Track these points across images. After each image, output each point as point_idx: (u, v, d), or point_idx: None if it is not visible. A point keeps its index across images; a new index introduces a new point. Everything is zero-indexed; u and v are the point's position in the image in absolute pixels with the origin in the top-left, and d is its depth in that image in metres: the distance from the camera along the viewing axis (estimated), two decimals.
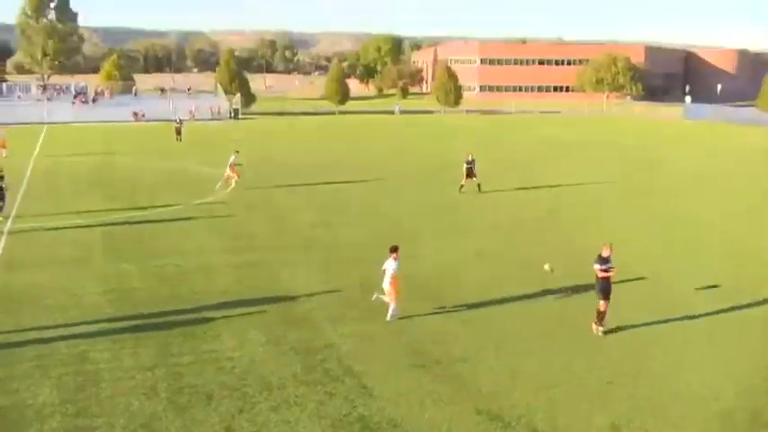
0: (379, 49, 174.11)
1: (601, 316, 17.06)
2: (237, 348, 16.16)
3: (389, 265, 17.76)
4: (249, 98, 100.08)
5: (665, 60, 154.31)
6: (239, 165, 36.52)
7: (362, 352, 16.08)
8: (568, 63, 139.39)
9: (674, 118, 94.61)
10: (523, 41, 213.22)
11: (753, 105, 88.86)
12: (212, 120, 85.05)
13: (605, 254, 17.00)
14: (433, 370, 15.19)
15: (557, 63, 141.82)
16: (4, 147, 48.67)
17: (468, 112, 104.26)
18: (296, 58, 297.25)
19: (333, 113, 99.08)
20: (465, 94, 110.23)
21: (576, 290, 20.09)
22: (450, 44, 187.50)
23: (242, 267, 22.39)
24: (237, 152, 37.26)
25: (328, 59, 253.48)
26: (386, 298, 17.94)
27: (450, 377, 14.85)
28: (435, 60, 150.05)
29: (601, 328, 17.07)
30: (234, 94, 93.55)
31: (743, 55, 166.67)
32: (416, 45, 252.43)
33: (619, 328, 17.41)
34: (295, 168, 44.01)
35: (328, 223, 28.97)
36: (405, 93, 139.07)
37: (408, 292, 18.82)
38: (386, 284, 17.82)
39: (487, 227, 28.54)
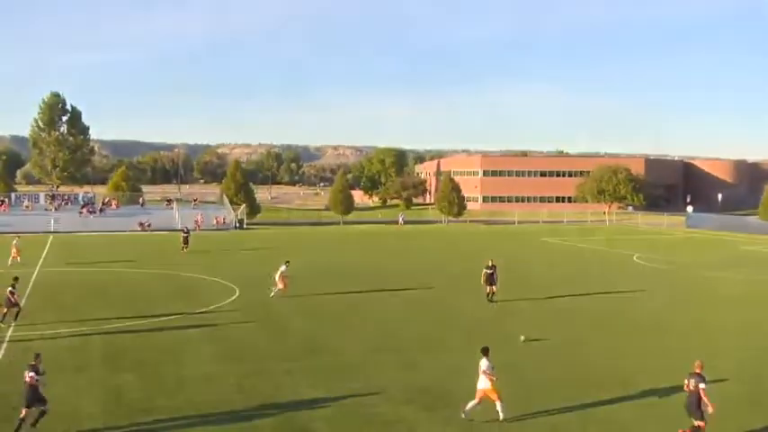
0: (383, 162, 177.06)
1: None
2: None
3: (483, 365, 17.87)
4: (254, 208, 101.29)
5: (665, 171, 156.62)
6: (286, 276, 36.17)
7: None
8: (569, 175, 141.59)
9: (676, 227, 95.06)
10: (524, 154, 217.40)
11: (754, 214, 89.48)
12: (218, 229, 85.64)
13: (699, 370, 16.87)
14: None
15: (558, 174, 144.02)
16: (18, 254, 49.61)
17: (470, 221, 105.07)
18: (301, 170, 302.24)
19: (337, 224, 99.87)
20: (468, 204, 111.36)
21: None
22: (453, 157, 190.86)
23: (243, 376, 22.00)
24: (288, 262, 36.92)
25: (333, 171, 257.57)
26: None
27: None
28: (438, 171, 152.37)
29: None
30: (239, 205, 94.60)
31: (740, 164, 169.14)
32: (419, 158, 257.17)
33: None
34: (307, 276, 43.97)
35: (331, 332, 28.70)
36: (408, 203, 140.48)
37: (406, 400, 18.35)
38: (482, 384, 17.80)
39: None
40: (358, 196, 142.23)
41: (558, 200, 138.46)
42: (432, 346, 26.37)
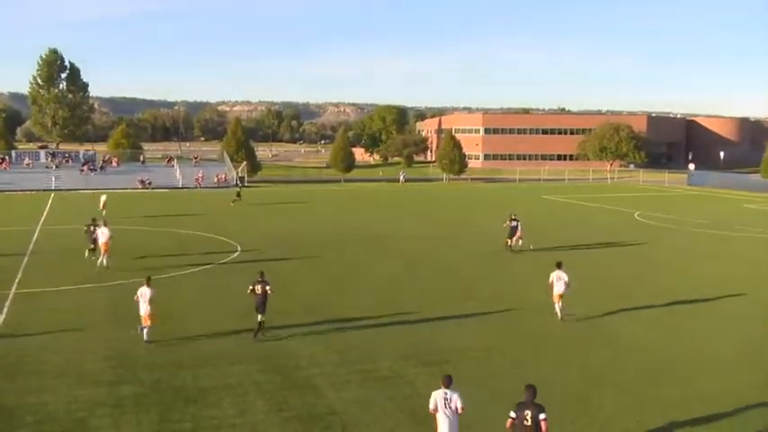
0: (383, 119, 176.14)
1: None
2: (239, 415, 15.96)
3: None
4: (255, 166, 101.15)
5: (667, 129, 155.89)
6: None
7: (366, 418, 15.85)
8: (571, 132, 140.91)
9: (678, 185, 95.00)
10: (526, 111, 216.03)
11: (756, 172, 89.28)
12: (219, 187, 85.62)
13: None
14: None
15: (559, 132, 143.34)
16: (104, 207, 51.91)
17: (472, 179, 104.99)
18: (301, 128, 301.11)
19: (338, 181, 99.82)
20: (469, 162, 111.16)
21: None
22: (454, 114, 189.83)
23: (246, 332, 22.23)
24: None
25: (334, 129, 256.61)
26: None
27: None
28: (440, 129, 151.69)
29: None
30: (240, 163, 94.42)
31: (743, 122, 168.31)
32: (420, 115, 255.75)
33: None
34: (301, 239, 44.15)
35: (334, 291, 28.94)
36: (410, 161, 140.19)
37: (405, 356, 18.69)
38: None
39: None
40: (359, 154, 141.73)
41: (559, 158, 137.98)
42: (430, 303, 26.60)
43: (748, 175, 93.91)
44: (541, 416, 12.32)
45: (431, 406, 13.07)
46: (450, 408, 12.86)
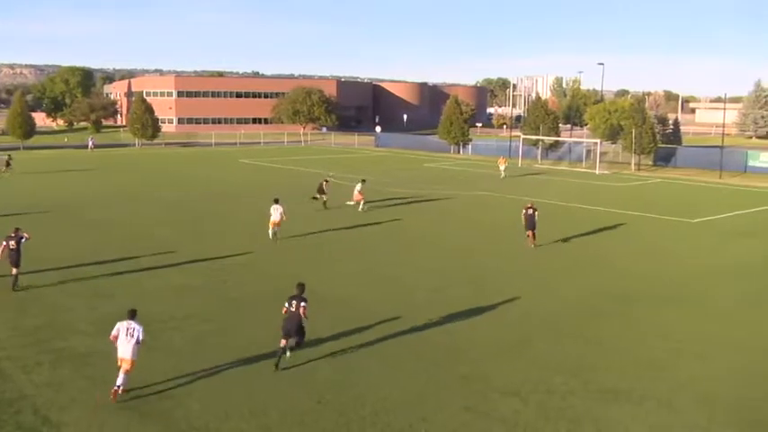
0: (67, 82, 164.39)
1: None
2: None
3: None
4: None
5: (356, 93, 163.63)
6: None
7: (61, 400, 14.99)
8: (265, 96, 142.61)
9: (367, 146, 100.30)
10: (220, 74, 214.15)
11: (434, 134, 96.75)
12: None
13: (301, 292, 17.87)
14: (141, 408, 14.62)
15: (254, 96, 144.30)
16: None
17: (166, 144, 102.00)
18: None
19: (17, 148, 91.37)
20: (163, 126, 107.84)
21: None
22: (145, 77, 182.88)
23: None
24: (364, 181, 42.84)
25: (9, 92, 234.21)
26: None
27: (159, 414, 14.39)
28: (129, 92, 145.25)
29: None
30: None
31: (423, 87, 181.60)
32: (109, 78, 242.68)
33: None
34: None
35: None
36: (98, 126, 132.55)
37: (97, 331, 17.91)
38: None
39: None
40: (40, 119, 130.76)
41: (254, 121, 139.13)
42: (114, 268, 25.64)
43: (428, 136, 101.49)
44: (302, 303, 16.78)
45: (113, 333, 15.35)
46: (130, 335, 15.25)
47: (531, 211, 31.19)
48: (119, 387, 14.96)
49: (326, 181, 43.23)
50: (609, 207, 44.51)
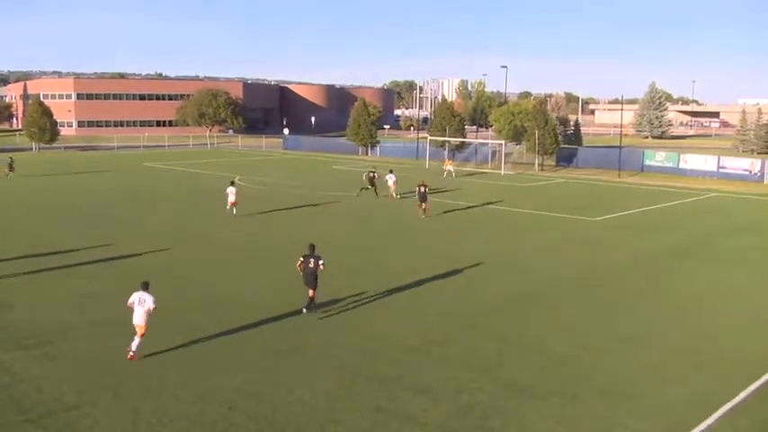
0: None
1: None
2: None
3: None
4: None
5: (262, 95, 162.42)
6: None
7: None
8: (169, 98, 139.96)
9: (275, 150, 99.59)
10: (122, 76, 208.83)
11: (343, 136, 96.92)
12: None
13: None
14: (43, 422, 14.15)
15: (157, 98, 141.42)
16: None
17: (66, 148, 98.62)
18: None
19: None
20: (62, 130, 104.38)
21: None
22: (42, 79, 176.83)
23: None
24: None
25: None
26: None
27: (63, 427, 13.96)
28: (26, 95, 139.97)
29: None
30: None
31: (330, 89, 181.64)
32: (3, 79, 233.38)
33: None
34: None
35: None
36: None
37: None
38: None
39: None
40: None
41: (158, 124, 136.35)
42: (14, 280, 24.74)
43: (337, 138, 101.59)
44: (320, 261, 20.24)
45: (129, 301, 17.41)
46: (142, 306, 17.21)
47: (423, 189, 39.42)
48: (133, 351, 17.13)
49: (374, 173, 48.06)
50: (515, 207, 45.63)
